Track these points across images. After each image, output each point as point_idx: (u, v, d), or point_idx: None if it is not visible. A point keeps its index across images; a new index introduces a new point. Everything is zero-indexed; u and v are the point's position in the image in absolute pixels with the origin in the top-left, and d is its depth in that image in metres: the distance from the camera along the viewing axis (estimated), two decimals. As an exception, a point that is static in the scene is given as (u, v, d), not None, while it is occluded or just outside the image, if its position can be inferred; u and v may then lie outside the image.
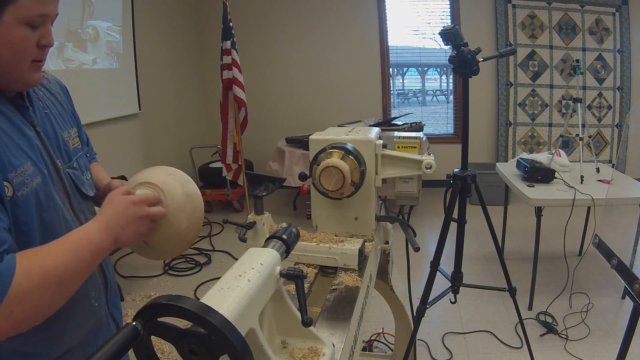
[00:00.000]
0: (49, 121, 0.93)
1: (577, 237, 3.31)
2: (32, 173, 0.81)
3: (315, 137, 1.26)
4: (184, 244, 0.95)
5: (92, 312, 0.95)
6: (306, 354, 0.73)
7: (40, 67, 0.85)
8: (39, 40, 0.80)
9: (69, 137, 0.98)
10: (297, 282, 0.68)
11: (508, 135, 4.95)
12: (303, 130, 4.71)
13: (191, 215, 0.94)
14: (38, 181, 0.82)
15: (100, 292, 0.98)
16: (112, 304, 1.05)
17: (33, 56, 0.80)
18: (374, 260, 1.30)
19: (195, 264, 3.44)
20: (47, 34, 0.81)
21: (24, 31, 0.76)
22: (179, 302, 0.49)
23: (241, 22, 4.93)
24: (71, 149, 0.97)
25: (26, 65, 0.80)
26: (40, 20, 0.78)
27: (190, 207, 0.94)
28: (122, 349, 0.47)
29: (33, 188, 0.81)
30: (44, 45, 0.81)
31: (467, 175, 1.88)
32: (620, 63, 4.74)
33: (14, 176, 0.77)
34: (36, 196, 0.81)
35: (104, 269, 1.01)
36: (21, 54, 0.78)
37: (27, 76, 0.82)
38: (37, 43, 0.80)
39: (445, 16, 5.01)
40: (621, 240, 1.52)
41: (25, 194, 0.79)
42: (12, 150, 0.79)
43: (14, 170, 0.77)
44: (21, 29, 0.76)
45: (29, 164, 0.81)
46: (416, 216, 4.25)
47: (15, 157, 0.79)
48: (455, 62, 1.79)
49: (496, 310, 2.71)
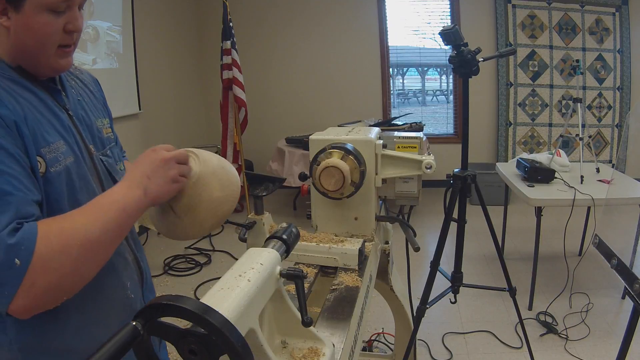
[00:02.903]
0: (82, 108, 0.92)
1: (577, 237, 3.31)
2: (65, 151, 0.80)
3: (315, 137, 1.26)
4: (215, 216, 0.86)
5: (128, 304, 0.92)
6: (306, 354, 0.73)
7: (69, 53, 0.83)
8: (65, 25, 0.79)
9: (102, 125, 0.96)
10: (297, 282, 0.68)
11: (508, 135, 4.95)
12: (303, 130, 4.71)
13: (225, 187, 0.88)
14: (71, 160, 0.81)
15: (136, 284, 0.95)
16: (147, 299, 0.99)
17: (59, 41, 0.79)
18: (374, 260, 1.30)
19: (195, 264, 3.44)
20: (74, 19, 0.80)
21: (47, 17, 0.76)
22: (179, 302, 0.49)
23: (241, 22, 4.93)
24: (105, 137, 0.96)
25: (52, 51, 0.79)
26: (64, 5, 0.77)
27: (225, 178, 0.89)
28: (122, 349, 0.47)
29: (66, 166, 0.79)
30: (70, 30, 0.80)
31: (467, 175, 1.88)
32: (620, 63, 4.74)
33: (47, 152, 0.76)
34: (68, 175, 0.80)
35: (138, 260, 0.98)
36: (44, 40, 0.77)
37: (53, 62, 0.81)
38: (64, 28, 0.79)
39: (445, 16, 5.01)
40: (621, 240, 1.53)
41: (58, 170, 0.77)
42: (45, 127, 0.78)
43: (47, 146, 0.76)
44: (44, 15, 0.75)
45: (62, 142, 0.80)
46: (416, 216, 4.25)
47: (48, 134, 0.78)
48: (455, 62, 1.79)
49: (496, 310, 2.71)
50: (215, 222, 0.88)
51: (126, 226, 0.77)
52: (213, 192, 0.85)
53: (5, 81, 0.77)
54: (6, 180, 0.68)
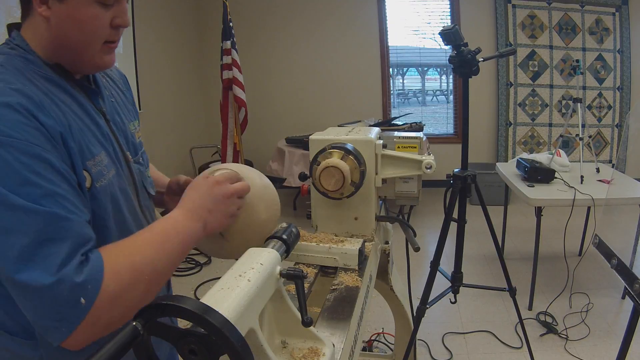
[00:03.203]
0: (116, 110, 0.85)
1: (577, 237, 3.31)
2: (107, 164, 0.75)
3: (315, 137, 1.26)
4: (260, 236, 0.85)
5: None
6: (306, 354, 0.73)
7: (113, 50, 0.77)
8: (113, 19, 0.73)
9: (134, 129, 0.90)
10: (297, 282, 0.68)
11: (508, 135, 4.95)
12: (303, 130, 4.71)
13: (269, 207, 0.88)
14: (113, 173, 0.76)
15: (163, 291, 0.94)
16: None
17: (105, 37, 0.73)
18: (374, 260, 1.30)
19: (195, 264, 3.44)
20: (122, 13, 0.74)
21: (95, 9, 0.70)
22: (179, 302, 0.49)
23: (241, 22, 4.93)
24: (137, 142, 0.90)
25: (98, 47, 0.73)
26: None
27: (268, 198, 0.89)
28: (121, 349, 0.47)
29: (110, 180, 0.74)
30: (118, 25, 0.74)
31: (467, 175, 1.88)
32: (620, 63, 4.74)
33: (92, 165, 0.71)
34: (112, 189, 0.75)
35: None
36: (91, 34, 0.71)
37: (98, 58, 0.75)
38: (111, 23, 0.73)
39: (445, 16, 5.01)
40: (621, 240, 1.53)
41: (103, 185, 0.72)
42: (88, 137, 0.72)
43: (92, 159, 0.71)
44: (92, 7, 0.69)
45: (104, 153, 0.75)
46: (416, 216, 4.25)
47: (92, 145, 0.72)
48: (455, 62, 1.79)
49: (496, 310, 2.71)
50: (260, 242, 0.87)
51: (185, 255, 0.75)
52: (260, 215, 0.87)
53: (42, 81, 0.70)
54: (58, 203, 0.62)
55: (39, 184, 0.61)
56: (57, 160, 0.64)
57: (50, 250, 0.60)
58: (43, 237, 0.60)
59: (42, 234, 0.60)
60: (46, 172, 0.62)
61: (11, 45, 0.72)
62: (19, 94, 0.64)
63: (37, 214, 0.60)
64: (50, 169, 0.63)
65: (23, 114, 0.63)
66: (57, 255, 0.60)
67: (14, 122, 0.62)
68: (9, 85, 0.65)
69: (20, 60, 0.70)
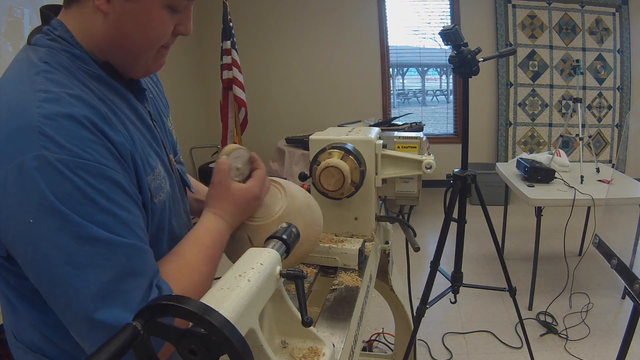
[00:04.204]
0: (157, 108, 0.78)
1: (577, 237, 3.31)
2: (164, 176, 0.69)
3: (315, 137, 1.26)
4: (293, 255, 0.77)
5: None
6: (306, 354, 0.73)
7: (166, 54, 0.71)
8: (176, 26, 0.67)
9: (171, 126, 0.83)
10: (297, 282, 0.68)
11: (508, 135, 4.95)
12: (303, 130, 4.71)
13: (309, 226, 0.83)
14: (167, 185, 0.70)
15: None
16: None
17: (164, 42, 0.67)
18: (374, 260, 1.30)
19: (195, 264, 3.44)
20: (187, 20, 0.68)
21: (164, 14, 0.63)
22: (179, 302, 0.49)
23: (241, 22, 4.93)
24: (175, 141, 0.83)
25: (154, 52, 0.67)
26: (184, 4, 0.65)
27: (309, 217, 0.85)
28: (121, 350, 0.47)
29: (167, 193, 0.69)
30: (180, 33, 0.68)
31: (467, 175, 1.88)
32: (620, 63, 4.74)
33: (152, 180, 0.65)
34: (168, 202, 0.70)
35: None
36: (154, 39, 0.65)
37: (151, 62, 0.68)
38: (174, 29, 0.67)
39: (445, 16, 5.01)
40: (621, 240, 1.52)
41: (162, 200, 0.67)
42: (147, 149, 0.66)
43: (152, 173, 0.65)
44: (161, 11, 0.62)
45: (160, 164, 0.69)
46: (416, 216, 4.25)
47: (151, 157, 0.66)
48: (455, 62, 1.79)
49: (496, 310, 2.71)
50: (293, 261, 0.85)
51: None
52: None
53: (93, 81, 0.62)
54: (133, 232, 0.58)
55: (114, 212, 0.56)
56: (126, 182, 0.59)
57: (130, 285, 0.56)
58: (124, 272, 0.56)
59: (124, 269, 0.56)
60: (118, 197, 0.57)
61: (52, 37, 0.62)
62: (81, 103, 0.57)
63: (118, 247, 0.55)
64: (122, 193, 0.58)
65: (90, 129, 0.56)
66: (137, 290, 0.57)
67: (82, 139, 0.55)
68: (66, 90, 0.57)
69: (66, 55, 0.62)
